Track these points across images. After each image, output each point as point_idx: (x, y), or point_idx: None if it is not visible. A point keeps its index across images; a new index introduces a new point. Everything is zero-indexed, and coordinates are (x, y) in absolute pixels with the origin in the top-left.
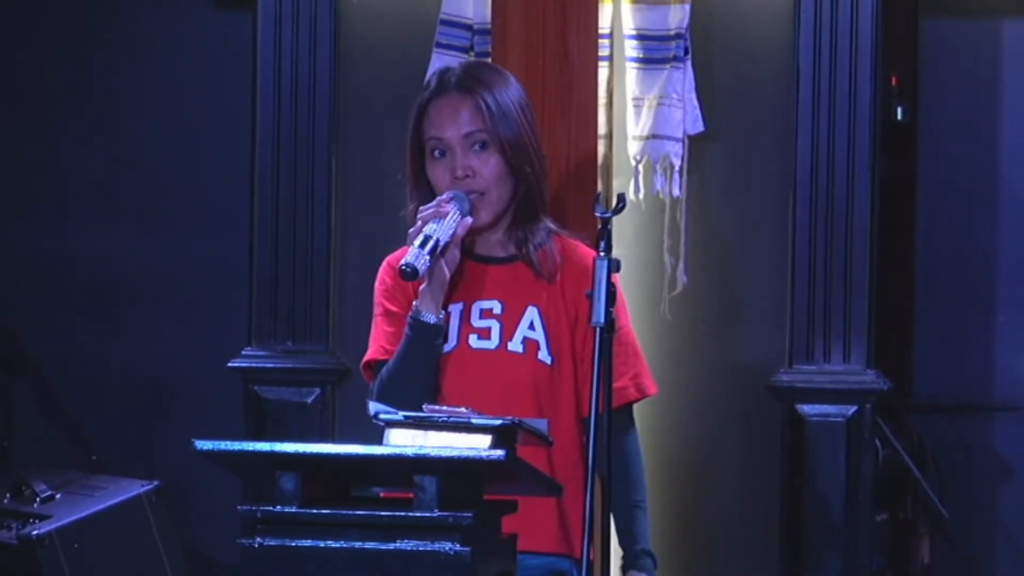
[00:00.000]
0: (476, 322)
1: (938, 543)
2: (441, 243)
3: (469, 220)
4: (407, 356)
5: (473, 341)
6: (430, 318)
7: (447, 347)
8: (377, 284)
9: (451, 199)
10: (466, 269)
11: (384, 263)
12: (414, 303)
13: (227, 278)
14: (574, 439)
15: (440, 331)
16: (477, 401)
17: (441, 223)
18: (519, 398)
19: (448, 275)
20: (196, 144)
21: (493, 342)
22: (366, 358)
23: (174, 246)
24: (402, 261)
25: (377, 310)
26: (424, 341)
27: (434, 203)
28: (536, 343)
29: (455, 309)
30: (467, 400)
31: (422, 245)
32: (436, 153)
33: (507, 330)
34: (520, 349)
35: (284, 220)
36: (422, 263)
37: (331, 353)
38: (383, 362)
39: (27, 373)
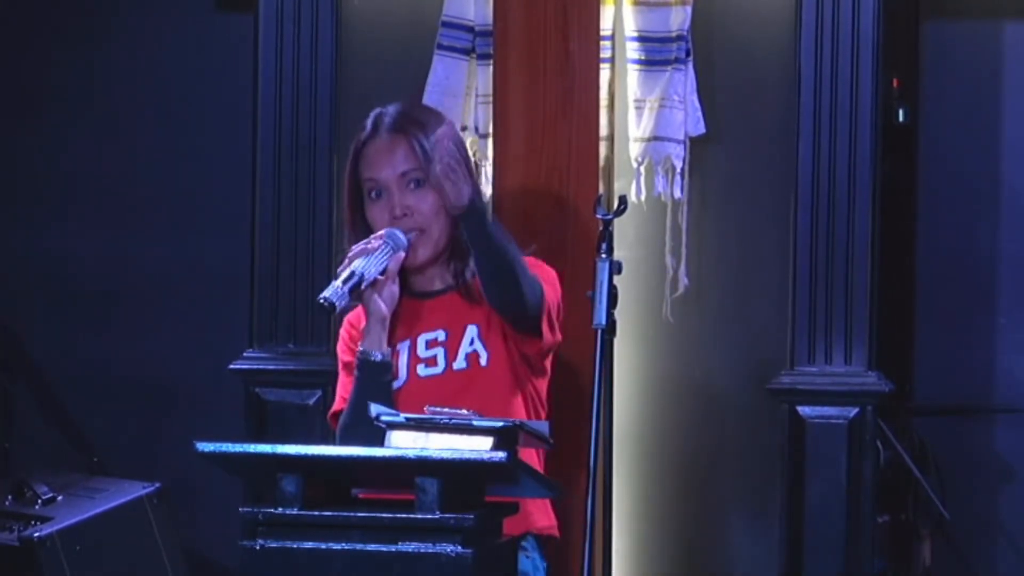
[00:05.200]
0: (423, 353)
1: (939, 545)
2: (367, 278)
3: (402, 255)
4: (360, 396)
5: (421, 370)
6: (376, 356)
7: (398, 383)
8: (339, 339)
9: (383, 236)
10: (403, 307)
11: (345, 320)
12: (360, 344)
13: (228, 280)
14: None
15: (388, 367)
16: None
17: (369, 259)
18: (461, 406)
19: (386, 311)
20: (197, 145)
21: (439, 367)
22: (332, 410)
23: (175, 248)
24: (321, 295)
25: (339, 365)
26: (374, 378)
27: (365, 240)
28: (476, 354)
29: (403, 347)
30: None
31: (345, 281)
32: (373, 194)
33: (451, 353)
34: (464, 365)
35: (285, 222)
36: (339, 298)
37: (332, 355)
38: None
39: (28, 375)
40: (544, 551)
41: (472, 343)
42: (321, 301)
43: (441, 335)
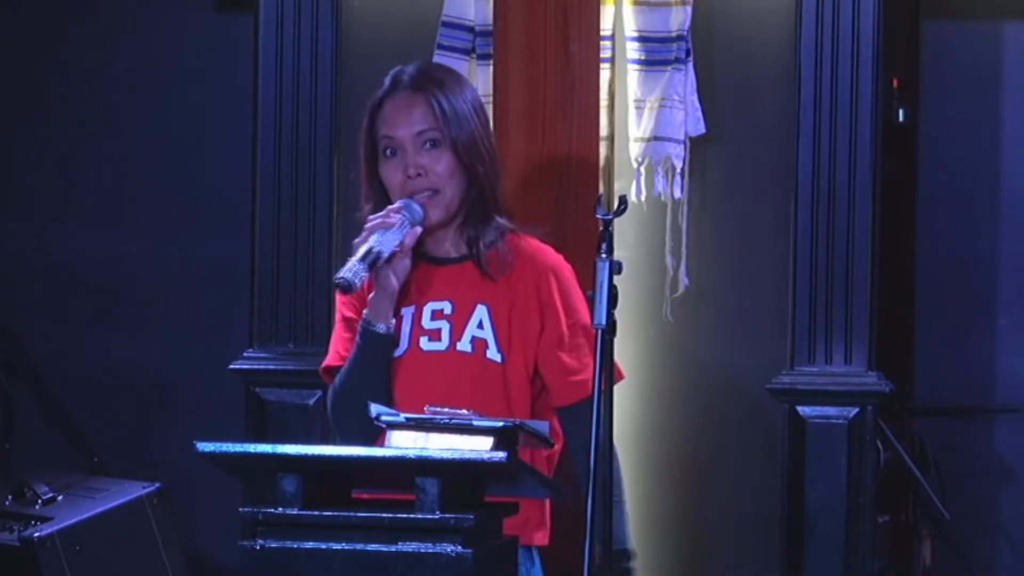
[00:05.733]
0: (427, 324)
1: (939, 545)
2: (384, 255)
3: (419, 230)
4: (358, 365)
5: (424, 343)
6: (380, 328)
7: (399, 351)
8: (338, 291)
9: (401, 208)
10: (417, 270)
11: None
12: (364, 312)
13: (229, 280)
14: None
15: (391, 341)
16: (424, 402)
17: (386, 234)
18: (462, 396)
19: (396, 285)
20: (197, 146)
21: (443, 343)
22: (324, 363)
23: (175, 248)
24: (338, 274)
25: (337, 316)
26: (375, 350)
27: (383, 212)
28: (484, 341)
29: (407, 313)
30: (416, 402)
31: (362, 259)
32: (388, 152)
33: (456, 330)
34: (469, 348)
35: (285, 222)
36: (359, 278)
37: None
38: (339, 368)
39: (28, 375)
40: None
41: (481, 326)
42: (339, 282)
43: (448, 307)
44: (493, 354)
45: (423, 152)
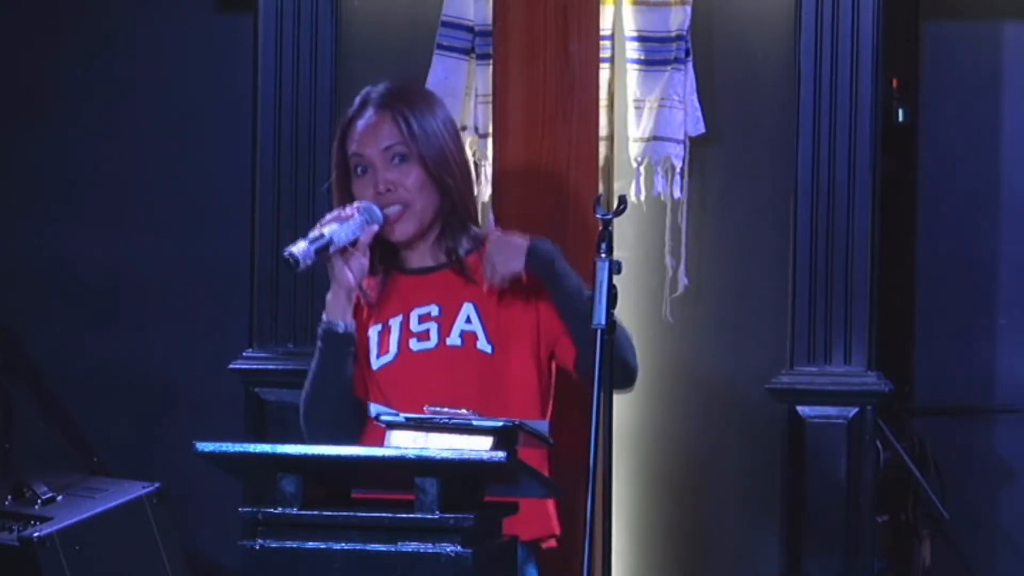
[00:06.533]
0: (415, 327)
1: (939, 545)
2: (336, 244)
3: (375, 228)
4: (322, 369)
5: (413, 344)
6: (339, 326)
7: (388, 358)
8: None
9: (358, 207)
10: (399, 283)
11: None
12: (324, 314)
13: (228, 280)
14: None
15: (351, 340)
16: (421, 402)
17: (342, 225)
18: (465, 390)
19: (353, 282)
20: (197, 146)
21: (432, 342)
22: None
23: (175, 248)
24: (286, 249)
25: None
26: (335, 350)
27: (339, 208)
28: (474, 334)
29: (395, 322)
30: (413, 403)
31: (313, 241)
32: (359, 170)
33: (444, 328)
34: (459, 342)
35: (285, 222)
36: (304, 256)
37: None
38: None
39: (28, 375)
40: (534, 557)
41: (469, 320)
42: (286, 256)
43: (435, 309)
44: (483, 345)
45: (392, 167)
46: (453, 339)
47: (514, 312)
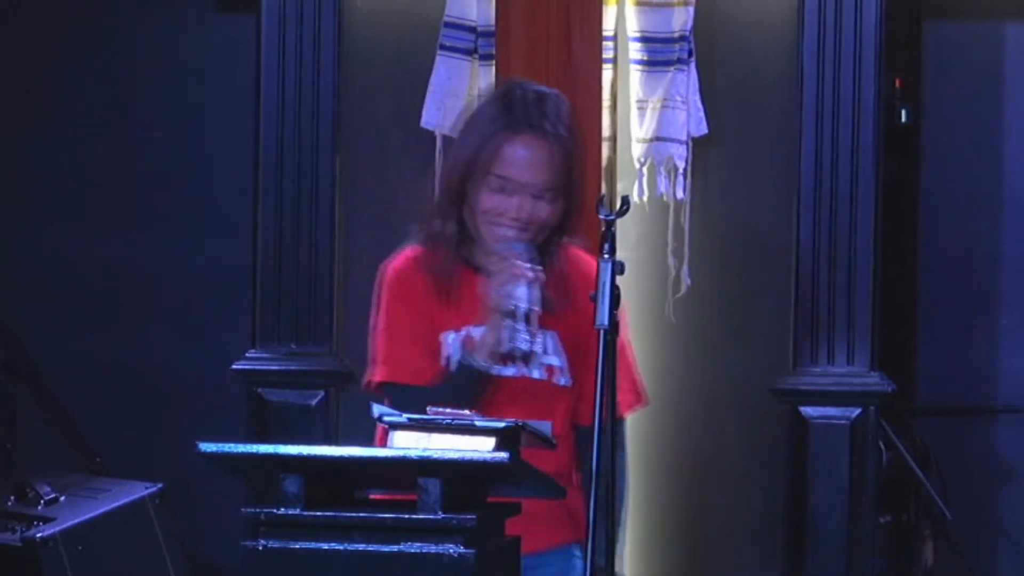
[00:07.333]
0: None
1: (941, 545)
2: (536, 311)
3: (542, 275)
4: (444, 395)
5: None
6: (481, 364)
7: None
8: (384, 293)
9: (518, 255)
10: (477, 284)
11: (389, 270)
12: (463, 353)
13: (231, 280)
14: (566, 444)
15: (489, 380)
16: None
17: (525, 289)
18: (535, 418)
19: (508, 347)
20: (199, 146)
21: (512, 368)
22: (381, 377)
23: (177, 248)
24: (510, 344)
25: (387, 322)
26: (468, 386)
27: (504, 264)
28: (556, 370)
29: (476, 332)
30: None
31: (527, 321)
32: (500, 187)
33: (527, 355)
34: (540, 375)
35: (288, 222)
36: (528, 344)
37: (334, 355)
38: (408, 387)
39: (30, 375)
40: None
41: (548, 353)
42: (514, 351)
43: None
44: (562, 379)
45: (534, 200)
46: (533, 370)
47: (590, 342)
